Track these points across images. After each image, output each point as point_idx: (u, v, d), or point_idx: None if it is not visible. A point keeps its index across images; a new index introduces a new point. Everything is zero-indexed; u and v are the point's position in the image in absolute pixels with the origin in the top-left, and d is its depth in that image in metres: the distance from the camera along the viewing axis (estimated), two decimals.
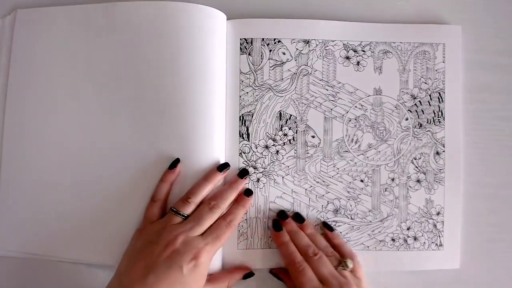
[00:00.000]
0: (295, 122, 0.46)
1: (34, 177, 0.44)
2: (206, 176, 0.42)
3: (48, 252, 0.43)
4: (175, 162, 0.42)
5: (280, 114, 0.46)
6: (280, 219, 0.44)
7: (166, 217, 0.40)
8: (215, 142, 0.44)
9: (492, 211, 0.47)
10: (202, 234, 0.39)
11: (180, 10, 0.43)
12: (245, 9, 0.47)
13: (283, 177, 0.46)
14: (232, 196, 0.42)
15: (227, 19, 0.46)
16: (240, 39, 0.46)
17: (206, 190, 0.41)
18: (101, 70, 0.44)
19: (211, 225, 0.40)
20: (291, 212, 0.45)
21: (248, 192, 0.43)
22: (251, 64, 0.46)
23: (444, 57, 0.47)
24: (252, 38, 0.46)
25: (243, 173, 0.44)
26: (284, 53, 0.46)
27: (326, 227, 0.45)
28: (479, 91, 0.47)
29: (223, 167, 0.43)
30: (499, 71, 0.48)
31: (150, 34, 0.43)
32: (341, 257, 0.42)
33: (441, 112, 0.46)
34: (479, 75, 0.48)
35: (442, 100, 0.46)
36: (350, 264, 0.41)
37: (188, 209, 0.40)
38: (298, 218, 0.45)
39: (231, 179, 0.44)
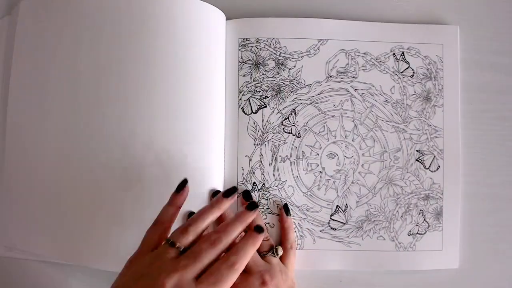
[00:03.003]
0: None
1: (38, 177, 0.43)
2: (212, 203, 0.36)
3: (51, 254, 0.42)
4: (183, 184, 0.37)
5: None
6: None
7: (160, 248, 0.34)
8: (214, 141, 0.43)
9: (491, 211, 0.47)
10: (199, 275, 0.32)
11: (179, 4, 0.43)
12: (244, 9, 0.47)
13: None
14: (238, 230, 0.35)
15: (226, 19, 0.46)
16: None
17: (209, 219, 0.35)
18: (99, 63, 0.43)
19: (211, 267, 0.32)
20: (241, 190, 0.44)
21: (258, 229, 0.35)
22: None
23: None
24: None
25: (252, 206, 0.36)
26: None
27: (284, 209, 0.44)
28: (477, 91, 0.48)
29: (230, 192, 0.37)
30: (497, 71, 0.48)
31: (147, 28, 0.43)
32: (284, 242, 0.43)
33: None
34: (477, 75, 0.48)
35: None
36: (280, 252, 0.42)
37: (185, 241, 0.33)
38: (246, 196, 0.44)
39: (240, 213, 0.36)
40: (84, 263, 0.42)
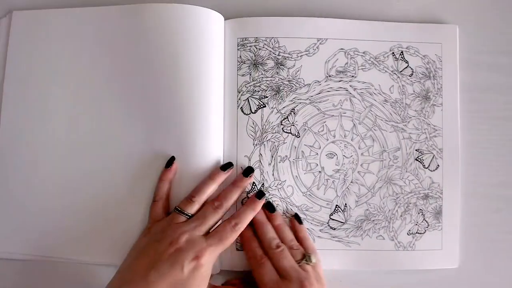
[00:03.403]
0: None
1: (33, 178, 0.43)
2: (210, 175, 0.42)
3: (51, 254, 0.43)
4: (171, 160, 0.42)
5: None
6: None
7: (170, 215, 0.40)
8: (213, 141, 0.43)
9: (491, 210, 0.47)
10: (207, 234, 0.39)
11: (176, 12, 0.43)
12: (242, 8, 0.47)
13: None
14: (235, 195, 0.42)
15: (224, 19, 0.46)
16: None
17: (210, 190, 0.41)
18: (97, 72, 0.44)
19: (217, 227, 0.40)
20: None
21: (260, 195, 0.42)
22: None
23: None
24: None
25: (247, 171, 0.44)
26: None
27: (296, 219, 0.44)
28: (476, 90, 0.48)
29: (227, 166, 0.43)
30: (497, 70, 0.48)
31: (146, 36, 0.43)
32: (305, 251, 0.42)
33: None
34: (476, 74, 0.48)
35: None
36: (313, 259, 0.41)
37: (192, 209, 0.40)
38: (269, 207, 0.44)
39: (236, 178, 0.43)
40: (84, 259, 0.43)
